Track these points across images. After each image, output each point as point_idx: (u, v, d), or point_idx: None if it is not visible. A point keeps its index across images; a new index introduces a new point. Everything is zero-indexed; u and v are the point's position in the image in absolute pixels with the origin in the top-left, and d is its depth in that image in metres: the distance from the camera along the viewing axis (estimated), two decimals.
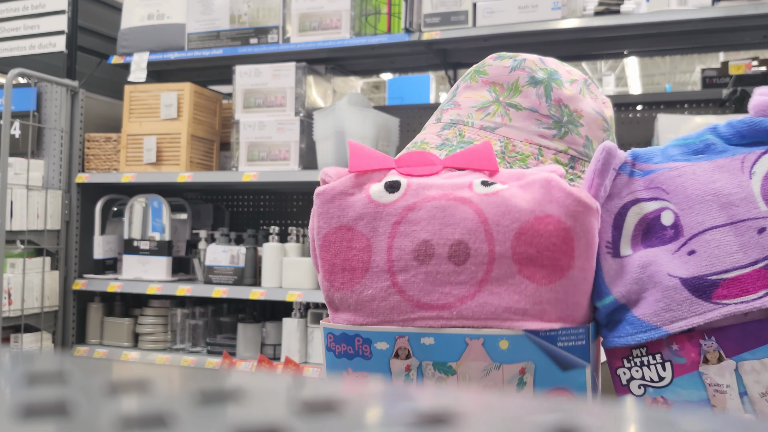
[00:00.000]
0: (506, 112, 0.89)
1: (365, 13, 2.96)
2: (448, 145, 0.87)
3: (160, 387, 0.27)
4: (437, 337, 0.56)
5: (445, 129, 0.90)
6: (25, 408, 0.24)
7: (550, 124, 0.89)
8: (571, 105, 0.90)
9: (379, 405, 0.27)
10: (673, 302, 0.61)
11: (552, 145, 0.88)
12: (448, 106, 0.94)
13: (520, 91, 0.90)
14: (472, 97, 0.92)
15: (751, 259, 0.58)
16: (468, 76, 0.94)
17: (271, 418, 0.24)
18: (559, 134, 0.89)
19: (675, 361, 0.61)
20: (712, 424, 0.24)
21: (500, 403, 0.27)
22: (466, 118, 0.90)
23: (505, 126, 0.89)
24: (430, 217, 0.57)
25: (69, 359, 0.32)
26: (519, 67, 0.91)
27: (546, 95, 0.90)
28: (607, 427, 0.24)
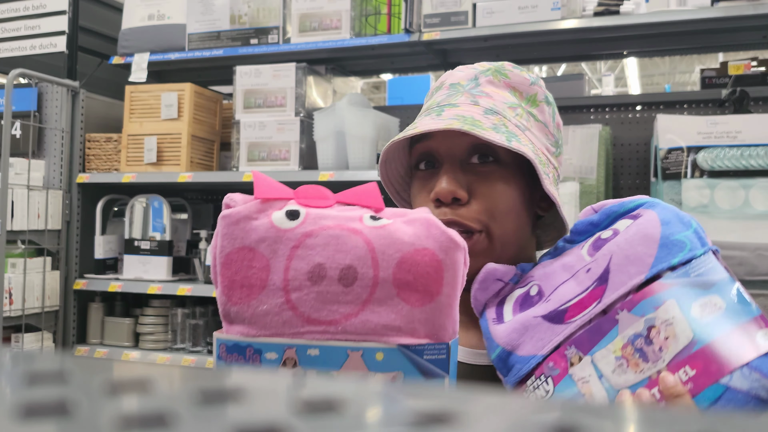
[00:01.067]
0: (529, 118, 0.94)
1: (365, 13, 2.96)
2: (501, 130, 0.88)
3: (161, 387, 0.27)
4: (322, 349, 0.62)
5: (489, 114, 0.90)
6: (25, 408, 0.24)
7: (553, 142, 0.96)
8: (561, 131, 0.99)
9: (379, 404, 0.27)
10: (539, 332, 0.81)
11: (552, 160, 0.94)
12: (478, 93, 0.93)
13: (537, 105, 0.95)
14: (499, 93, 0.94)
15: (584, 287, 0.81)
16: (489, 73, 0.96)
17: (272, 417, 0.24)
18: (557, 153, 0.96)
19: (553, 374, 0.80)
20: (712, 424, 0.24)
21: (500, 403, 0.27)
22: (503, 111, 0.92)
23: (529, 131, 0.92)
24: (325, 244, 0.64)
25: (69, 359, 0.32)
26: (537, 84, 0.96)
27: (553, 116, 0.97)
28: (607, 427, 0.24)
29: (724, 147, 2.35)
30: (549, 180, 0.90)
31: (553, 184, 0.92)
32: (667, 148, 2.41)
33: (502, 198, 0.91)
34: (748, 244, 2.27)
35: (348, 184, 3.03)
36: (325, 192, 0.69)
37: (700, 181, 2.34)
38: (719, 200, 2.32)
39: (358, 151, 2.73)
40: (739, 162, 2.32)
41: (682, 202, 2.35)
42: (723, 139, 2.36)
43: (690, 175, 2.36)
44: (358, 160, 2.73)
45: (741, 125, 2.36)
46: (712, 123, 2.38)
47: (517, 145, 0.86)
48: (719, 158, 2.34)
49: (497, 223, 0.90)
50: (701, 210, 2.33)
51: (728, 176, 2.33)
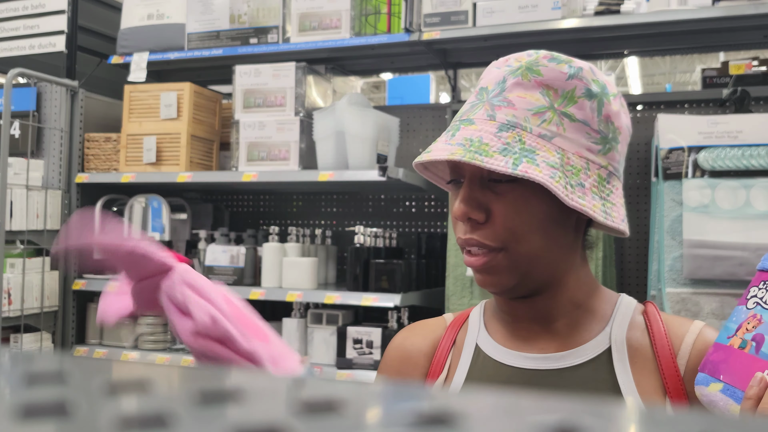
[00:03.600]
0: (561, 121, 0.89)
1: (365, 12, 2.96)
2: (511, 150, 0.85)
3: (160, 387, 0.28)
4: None
5: (503, 131, 0.88)
6: (24, 408, 0.24)
7: (598, 139, 0.90)
8: (615, 122, 0.92)
9: (379, 405, 0.27)
10: None
11: (597, 160, 0.90)
12: (499, 102, 0.90)
13: (576, 102, 0.89)
14: (525, 98, 0.89)
15: None
16: (519, 72, 0.91)
17: (271, 418, 0.24)
18: (604, 150, 0.91)
19: None
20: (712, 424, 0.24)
21: (500, 403, 0.27)
22: (524, 122, 0.88)
23: (559, 136, 0.88)
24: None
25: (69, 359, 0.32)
26: (576, 76, 0.90)
27: (598, 110, 0.90)
28: (607, 427, 0.24)
29: (725, 147, 2.35)
30: (577, 191, 0.86)
31: (600, 186, 0.89)
32: (668, 148, 2.41)
33: (521, 218, 0.88)
34: (749, 244, 2.27)
35: (347, 184, 3.02)
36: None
37: (701, 181, 2.34)
38: (720, 200, 2.32)
39: (358, 150, 2.73)
40: (740, 162, 2.32)
41: (683, 202, 2.35)
42: (724, 138, 2.36)
43: (691, 175, 2.36)
44: (358, 160, 2.73)
45: (742, 125, 2.36)
46: (713, 123, 2.38)
47: (525, 167, 0.84)
48: (720, 158, 2.34)
49: (519, 242, 0.89)
50: (702, 210, 2.33)
51: (729, 176, 2.33)
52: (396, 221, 3.33)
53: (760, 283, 0.86)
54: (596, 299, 0.97)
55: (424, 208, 3.30)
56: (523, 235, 0.89)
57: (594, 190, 0.89)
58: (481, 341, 1.00)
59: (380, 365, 1.11)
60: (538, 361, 0.94)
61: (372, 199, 3.40)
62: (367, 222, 3.38)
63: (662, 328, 0.94)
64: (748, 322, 0.83)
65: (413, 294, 2.74)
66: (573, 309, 0.96)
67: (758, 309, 0.83)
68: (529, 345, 0.96)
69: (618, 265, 2.82)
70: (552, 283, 0.94)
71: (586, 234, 0.98)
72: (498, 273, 0.91)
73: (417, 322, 1.13)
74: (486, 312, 1.05)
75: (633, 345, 0.93)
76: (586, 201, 0.87)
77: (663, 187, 2.40)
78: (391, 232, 2.99)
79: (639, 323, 0.96)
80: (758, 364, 0.78)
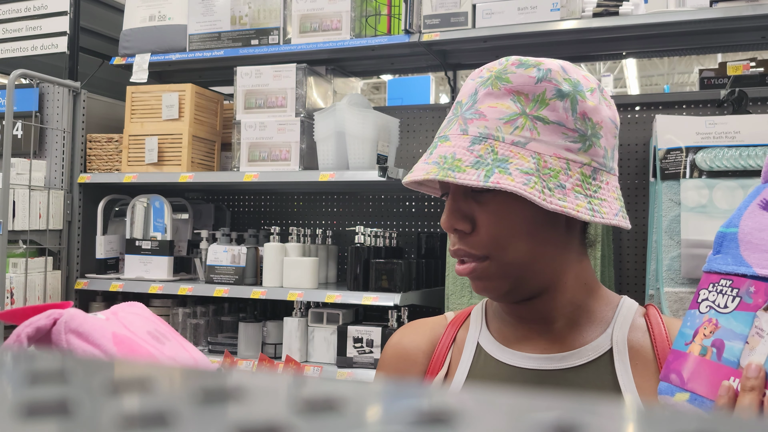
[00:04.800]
0: (534, 125, 0.89)
1: (365, 14, 2.97)
2: (483, 162, 0.87)
3: (162, 386, 0.28)
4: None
5: (476, 143, 0.89)
6: (27, 407, 0.24)
7: (576, 137, 0.90)
8: (594, 117, 0.91)
9: (379, 404, 0.27)
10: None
11: (578, 158, 0.90)
12: (471, 115, 0.92)
13: (547, 104, 0.90)
14: (496, 107, 0.90)
15: None
16: (489, 82, 0.92)
17: (272, 417, 0.24)
18: (584, 147, 0.90)
19: (744, 299, 0.76)
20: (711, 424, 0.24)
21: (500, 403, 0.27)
22: (495, 131, 0.89)
23: (534, 140, 0.88)
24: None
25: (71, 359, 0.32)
26: (545, 79, 0.90)
27: (572, 109, 0.90)
28: (607, 427, 0.24)
29: (723, 147, 2.35)
30: (556, 193, 0.87)
31: (584, 183, 0.89)
32: (666, 149, 2.41)
33: (504, 225, 0.90)
34: None
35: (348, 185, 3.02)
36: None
37: (698, 181, 2.34)
38: (718, 200, 2.32)
39: (359, 151, 2.73)
40: (737, 162, 2.32)
41: (681, 202, 2.35)
42: (722, 139, 2.36)
43: (689, 176, 2.36)
44: (359, 161, 2.73)
45: (739, 125, 2.36)
46: (710, 123, 2.38)
47: (497, 178, 0.85)
48: (718, 158, 2.34)
49: (503, 249, 0.90)
50: (700, 210, 2.33)
51: (727, 176, 2.33)
52: (396, 221, 3.33)
53: (708, 285, 0.83)
54: (597, 300, 0.98)
55: (424, 208, 3.31)
56: (507, 242, 0.90)
57: (577, 189, 0.88)
58: (483, 340, 1.01)
59: (379, 363, 1.11)
60: (539, 361, 0.95)
61: (372, 199, 3.40)
62: (368, 222, 3.38)
63: (663, 330, 0.94)
64: (704, 327, 0.80)
65: (413, 293, 2.75)
66: (573, 309, 0.96)
67: (712, 313, 0.80)
68: (530, 345, 0.97)
69: (616, 264, 2.82)
70: (550, 285, 0.95)
71: (586, 232, 0.99)
72: (488, 279, 0.92)
73: (416, 320, 1.13)
74: (487, 311, 1.05)
75: (634, 347, 0.93)
76: (567, 202, 0.87)
77: (661, 187, 2.41)
78: (391, 232, 3.00)
79: (640, 325, 0.96)
80: (722, 371, 0.75)
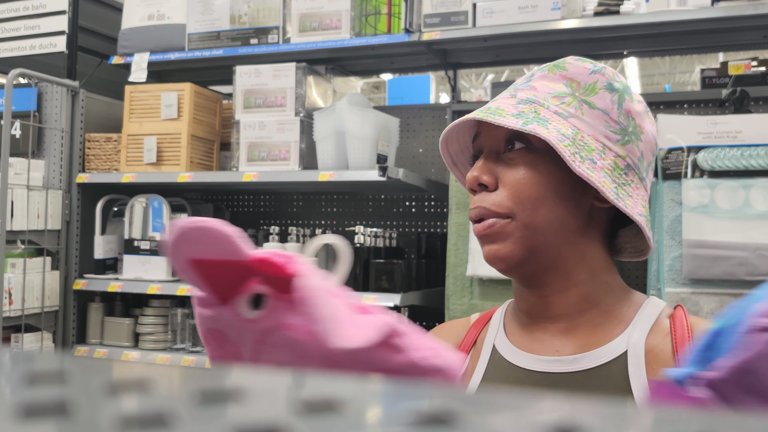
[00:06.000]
0: (580, 106, 0.92)
1: (365, 13, 2.96)
2: (524, 116, 0.89)
3: (161, 387, 0.28)
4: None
5: (521, 104, 0.92)
6: (25, 408, 0.24)
7: (617, 129, 0.92)
8: (636, 119, 0.93)
9: (379, 404, 0.28)
10: None
11: (614, 148, 0.91)
12: (523, 86, 0.95)
13: (596, 93, 0.92)
14: (548, 86, 0.94)
15: None
16: (546, 68, 0.96)
17: (271, 417, 0.24)
18: (622, 141, 0.92)
19: None
20: (711, 423, 0.24)
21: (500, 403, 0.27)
22: (543, 100, 0.92)
23: (576, 118, 0.91)
24: (285, 346, 0.56)
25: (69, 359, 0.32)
26: (599, 72, 0.94)
27: (619, 103, 0.93)
28: (607, 427, 0.24)
29: (725, 147, 2.35)
30: (586, 162, 0.87)
31: (614, 171, 0.89)
32: (668, 148, 2.41)
33: (528, 183, 0.90)
34: (749, 244, 2.27)
35: (348, 184, 3.02)
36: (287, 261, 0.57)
37: (700, 181, 2.34)
38: (719, 200, 2.32)
39: (358, 150, 2.73)
40: (739, 162, 2.32)
41: (682, 202, 2.35)
42: (723, 139, 2.36)
43: (690, 175, 2.36)
44: (358, 160, 2.73)
45: (741, 125, 2.36)
46: (712, 123, 2.38)
47: (534, 127, 0.86)
48: (719, 158, 2.34)
49: (524, 209, 0.89)
50: (701, 210, 2.33)
51: (728, 176, 2.33)
52: (396, 221, 3.33)
53: None
54: (618, 300, 0.95)
55: (424, 208, 3.31)
56: (527, 202, 0.89)
57: (606, 171, 0.88)
58: (498, 342, 1.00)
59: None
60: (550, 363, 0.93)
61: (372, 199, 3.40)
62: (367, 222, 3.38)
63: (687, 333, 0.90)
64: None
65: (413, 294, 2.74)
66: (590, 308, 0.94)
67: None
68: (544, 347, 0.95)
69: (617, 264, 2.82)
70: (559, 270, 0.93)
71: (613, 241, 0.98)
72: (503, 241, 0.90)
73: (445, 322, 1.14)
74: (507, 313, 1.04)
75: (653, 350, 0.89)
76: (594, 174, 0.87)
77: (662, 187, 2.41)
78: (391, 232, 2.99)
79: (663, 328, 0.92)
80: None
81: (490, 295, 2.64)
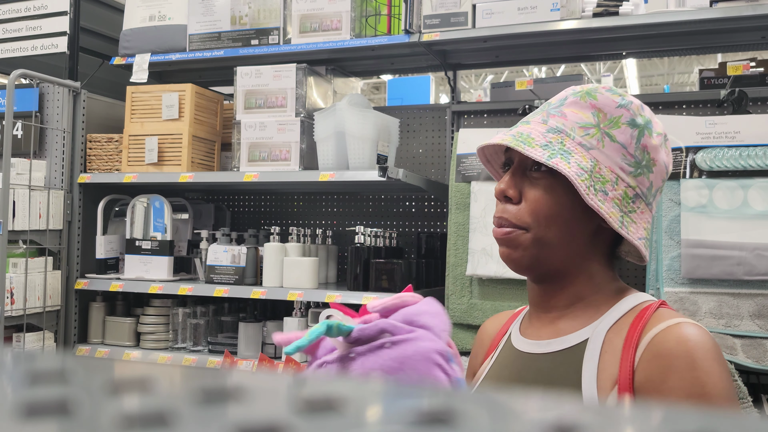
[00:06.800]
0: (602, 138, 1.03)
1: (365, 14, 2.97)
2: (551, 147, 1.02)
3: (162, 386, 0.28)
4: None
5: (550, 132, 1.04)
6: (27, 407, 0.24)
7: (632, 162, 1.04)
8: (651, 153, 1.05)
9: (379, 404, 0.28)
10: None
11: (627, 179, 1.03)
12: (555, 112, 1.07)
13: (619, 126, 1.04)
14: (577, 114, 1.05)
15: None
16: (579, 94, 1.07)
17: (272, 416, 0.24)
18: (635, 173, 1.04)
19: None
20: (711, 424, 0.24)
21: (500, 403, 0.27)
22: (570, 130, 1.04)
23: (597, 150, 1.03)
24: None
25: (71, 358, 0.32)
26: (625, 107, 1.05)
27: (638, 138, 1.04)
28: (603, 427, 0.24)
29: (723, 147, 2.35)
30: (598, 195, 1.00)
31: (623, 200, 1.02)
32: None
33: (546, 203, 1.03)
34: (747, 244, 2.27)
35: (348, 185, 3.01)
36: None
37: (698, 181, 2.35)
38: (718, 200, 2.32)
39: (359, 151, 2.73)
40: (737, 162, 2.32)
41: (681, 202, 2.36)
42: (721, 139, 2.37)
43: (689, 176, 2.37)
44: (359, 161, 2.73)
45: (739, 125, 2.37)
46: (710, 123, 2.39)
47: (558, 161, 0.99)
48: (718, 158, 2.34)
49: (540, 225, 1.03)
50: (700, 210, 2.33)
51: (727, 176, 2.33)
52: (396, 221, 3.34)
53: None
54: (604, 297, 1.07)
55: (424, 208, 3.31)
56: (544, 219, 1.03)
57: (616, 202, 1.01)
58: (513, 329, 1.16)
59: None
60: (531, 345, 1.08)
61: (372, 199, 3.40)
62: (368, 222, 3.38)
63: (642, 322, 0.99)
64: None
65: None
66: (576, 302, 1.07)
67: None
68: (535, 332, 1.10)
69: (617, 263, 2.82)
70: (562, 276, 1.07)
71: (615, 251, 1.11)
72: (516, 248, 1.05)
73: (497, 313, 1.30)
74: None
75: (611, 339, 1.00)
76: (604, 206, 1.00)
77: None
78: (391, 232, 3.00)
79: (627, 321, 1.01)
80: None
81: (490, 295, 2.64)
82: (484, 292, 2.66)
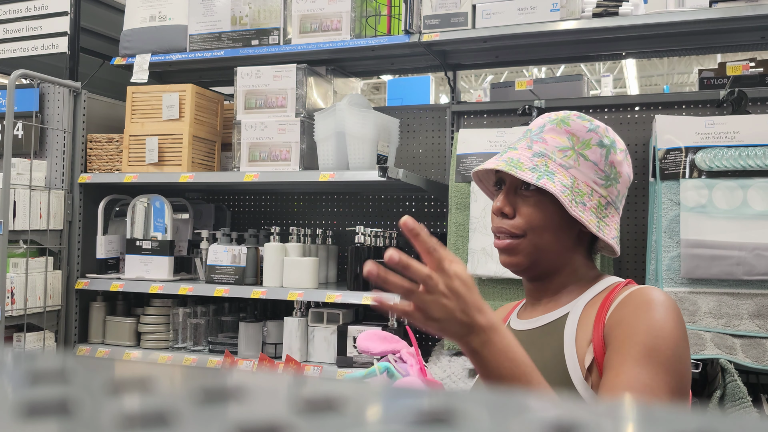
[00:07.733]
0: (578, 158, 1.25)
1: (365, 14, 2.97)
2: (538, 170, 1.22)
3: (162, 386, 0.28)
4: None
5: (536, 157, 1.25)
6: (28, 407, 0.24)
7: (603, 176, 1.26)
8: (617, 167, 1.27)
9: (379, 404, 0.28)
10: None
11: (599, 190, 1.25)
12: (537, 138, 1.28)
13: (590, 147, 1.26)
14: (555, 139, 1.26)
15: None
16: (555, 122, 1.28)
17: (272, 416, 0.24)
18: (606, 185, 1.26)
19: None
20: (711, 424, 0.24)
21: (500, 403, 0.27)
22: (551, 154, 1.25)
23: (575, 168, 1.24)
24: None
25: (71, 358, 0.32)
26: (594, 130, 1.27)
27: (606, 156, 1.26)
28: (607, 427, 0.24)
29: (723, 147, 2.35)
30: (578, 206, 1.21)
31: (598, 208, 1.24)
32: (666, 149, 2.41)
33: (537, 216, 1.23)
34: (747, 244, 2.27)
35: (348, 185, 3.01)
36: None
37: (698, 181, 2.35)
38: (717, 200, 2.32)
39: (359, 151, 2.74)
40: (737, 162, 2.32)
41: (681, 202, 2.36)
42: (721, 139, 2.37)
43: (688, 176, 2.37)
44: (359, 161, 2.74)
45: (739, 125, 2.37)
46: (710, 123, 2.39)
47: (545, 181, 1.20)
48: (717, 158, 2.34)
49: (534, 233, 1.24)
50: (699, 210, 2.34)
51: (726, 176, 2.33)
52: (396, 221, 3.34)
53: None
54: (583, 282, 1.28)
55: (424, 208, 3.31)
56: (536, 229, 1.23)
57: (593, 210, 1.23)
58: (513, 315, 1.38)
59: None
60: (524, 324, 1.30)
61: (372, 199, 3.40)
62: (368, 222, 3.38)
63: (614, 294, 1.21)
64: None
65: None
66: (562, 289, 1.29)
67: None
68: (528, 314, 1.32)
69: (616, 264, 2.82)
70: (555, 272, 1.28)
71: (593, 247, 1.32)
72: (515, 254, 1.25)
73: (506, 304, 1.52)
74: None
75: (587, 310, 1.21)
76: (584, 215, 1.21)
77: (660, 187, 2.41)
78: (391, 232, 3.00)
79: (601, 297, 1.22)
80: None
81: (489, 294, 2.64)
82: (483, 291, 2.66)
